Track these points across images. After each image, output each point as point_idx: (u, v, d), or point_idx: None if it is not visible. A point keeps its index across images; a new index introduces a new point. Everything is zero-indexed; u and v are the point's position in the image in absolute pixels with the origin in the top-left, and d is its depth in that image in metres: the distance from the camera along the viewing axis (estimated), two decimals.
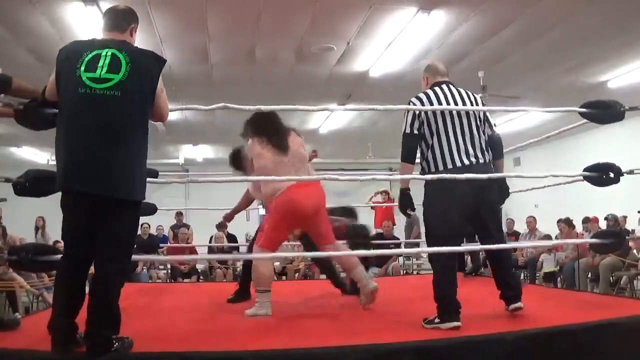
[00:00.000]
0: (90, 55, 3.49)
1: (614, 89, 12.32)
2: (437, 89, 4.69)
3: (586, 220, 12.95)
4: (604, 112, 5.02)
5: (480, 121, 4.66)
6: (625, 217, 12.41)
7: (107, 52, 3.50)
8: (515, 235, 13.78)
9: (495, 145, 4.77)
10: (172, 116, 11.30)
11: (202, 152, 20.10)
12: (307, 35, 9.47)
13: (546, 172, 5.28)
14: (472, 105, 4.65)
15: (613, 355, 3.97)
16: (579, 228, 12.83)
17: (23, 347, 3.71)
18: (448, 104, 4.58)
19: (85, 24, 8.49)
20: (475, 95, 4.76)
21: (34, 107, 3.94)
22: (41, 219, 14.62)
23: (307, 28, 9.17)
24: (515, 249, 12.71)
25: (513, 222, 14.53)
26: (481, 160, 4.56)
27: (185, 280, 12.40)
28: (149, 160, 3.72)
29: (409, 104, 4.62)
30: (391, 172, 17.52)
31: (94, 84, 3.40)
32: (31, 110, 3.96)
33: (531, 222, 13.28)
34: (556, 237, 12.81)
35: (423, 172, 4.64)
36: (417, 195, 4.75)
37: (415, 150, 4.60)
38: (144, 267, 12.89)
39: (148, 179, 3.82)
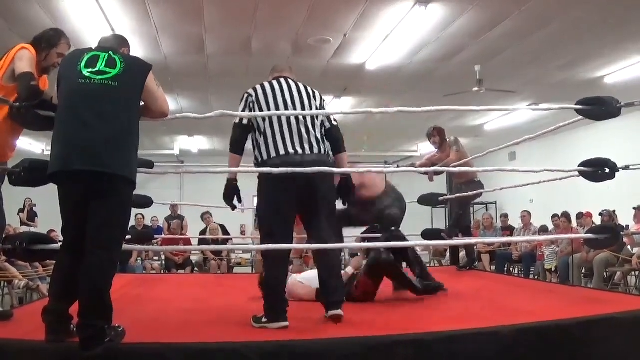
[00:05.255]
0: (89, 55, 3.76)
1: (610, 84, 12.32)
2: (273, 81, 4.75)
3: (580, 216, 12.98)
4: (600, 108, 4.99)
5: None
6: (614, 211, 12.42)
7: (104, 54, 3.77)
8: (510, 230, 13.81)
9: (333, 139, 4.72)
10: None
11: (197, 143, 20.06)
12: (303, 27, 9.45)
13: (541, 167, 5.26)
14: (308, 97, 4.69)
15: (607, 350, 3.98)
16: (573, 223, 12.85)
17: (16, 337, 3.71)
18: (283, 94, 4.62)
19: (81, 14, 8.47)
20: (313, 90, 4.79)
21: (29, 107, 4.02)
22: None
23: (303, 20, 9.14)
24: (509, 244, 12.75)
25: (507, 218, 14.57)
26: (315, 150, 4.52)
27: (179, 271, 12.41)
28: (144, 151, 3.81)
29: (243, 95, 4.67)
30: (386, 165, 17.57)
31: (93, 76, 3.64)
32: (27, 110, 4.03)
33: (525, 216, 13.30)
34: (551, 232, 12.85)
35: (256, 161, 4.62)
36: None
37: (244, 140, 4.59)
38: (138, 258, 12.89)
39: (144, 170, 3.92)
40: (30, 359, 3.51)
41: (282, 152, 4.43)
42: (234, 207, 4.82)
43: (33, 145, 17.48)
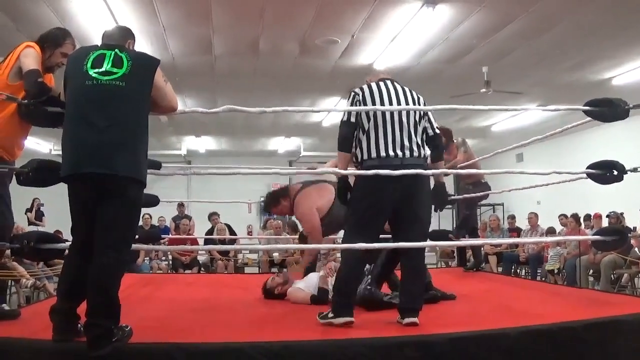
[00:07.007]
0: (95, 54, 3.73)
1: (618, 86, 12.30)
2: (380, 82, 4.66)
3: (588, 218, 12.95)
4: (608, 110, 4.97)
5: (419, 117, 4.59)
6: (622, 213, 12.38)
7: (110, 53, 3.73)
8: (517, 232, 13.79)
9: (434, 147, 4.71)
10: None
11: (204, 143, 20.11)
12: (311, 27, 9.45)
13: (549, 169, 5.24)
14: (412, 101, 4.61)
15: (614, 353, 3.98)
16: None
17: (24, 336, 3.73)
18: (389, 95, 4.55)
19: (88, 13, 8.49)
20: (418, 95, 4.69)
21: (38, 103, 4.03)
22: None
23: (311, 21, 9.15)
24: (517, 245, 12.74)
25: (514, 219, 14.55)
26: (415, 154, 4.47)
27: (186, 271, 12.41)
28: (151, 151, 3.82)
29: (350, 93, 4.63)
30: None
31: (100, 77, 3.61)
32: (36, 107, 4.04)
33: (532, 218, 13.28)
34: (559, 233, 12.83)
35: (355, 160, 4.60)
36: None
37: (351, 137, 4.54)
38: (146, 258, 12.90)
39: (150, 170, 3.93)
40: (38, 358, 3.52)
41: (382, 154, 4.40)
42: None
43: (41, 145, 17.51)
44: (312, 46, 10.34)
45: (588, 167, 5.09)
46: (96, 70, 3.62)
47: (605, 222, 12.11)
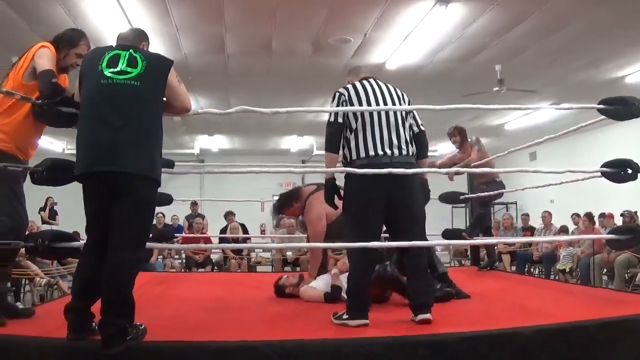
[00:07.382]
0: (110, 54, 3.76)
1: (631, 84, 12.25)
2: (364, 82, 4.65)
3: (602, 216, 12.90)
4: (622, 108, 4.94)
5: (404, 114, 4.59)
6: (635, 212, 12.32)
7: (125, 53, 3.76)
8: (531, 230, 13.75)
9: (419, 144, 4.68)
10: None
11: (217, 142, 20.15)
12: (323, 26, 9.46)
13: (562, 167, 5.21)
14: (397, 98, 4.61)
15: (628, 352, 3.95)
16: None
17: (38, 334, 3.74)
18: (375, 94, 4.54)
19: (101, 13, 8.52)
20: (402, 92, 4.69)
21: (52, 104, 4.05)
22: None
23: (324, 19, 9.15)
24: (530, 244, 12.70)
25: (528, 217, 14.50)
26: (404, 152, 4.46)
27: (199, 270, 12.43)
28: (165, 150, 3.83)
29: (335, 94, 4.60)
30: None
31: (115, 76, 3.65)
32: (49, 107, 4.06)
33: (546, 217, 13.25)
34: (572, 232, 12.78)
35: (344, 160, 4.58)
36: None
37: (339, 138, 4.52)
38: (159, 257, 12.93)
39: (164, 169, 3.95)
40: (52, 356, 3.54)
41: (371, 152, 4.40)
42: (336, 207, 4.68)
43: (54, 144, 17.59)
44: (325, 45, 10.35)
45: (602, 166, 5.07)
46: (111, 69, 3.65)
47: (619, 221, 12.06)
